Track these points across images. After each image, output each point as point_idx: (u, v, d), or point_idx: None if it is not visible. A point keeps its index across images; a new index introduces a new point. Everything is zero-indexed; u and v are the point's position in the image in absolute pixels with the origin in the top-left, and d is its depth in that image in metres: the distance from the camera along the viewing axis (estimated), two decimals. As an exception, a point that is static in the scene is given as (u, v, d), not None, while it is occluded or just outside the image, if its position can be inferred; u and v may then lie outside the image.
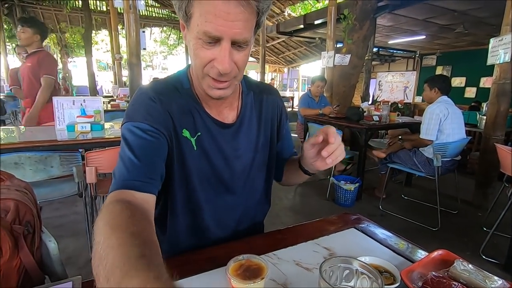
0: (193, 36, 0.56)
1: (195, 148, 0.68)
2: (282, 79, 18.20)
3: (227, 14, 0.52)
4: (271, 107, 0.80)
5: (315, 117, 3.46)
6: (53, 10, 10.60)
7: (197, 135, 0.68)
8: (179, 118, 0.66)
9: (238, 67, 0.59)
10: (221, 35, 0.53)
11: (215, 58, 0.56)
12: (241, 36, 0.55)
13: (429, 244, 1.93)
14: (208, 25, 0.53)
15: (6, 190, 0.67)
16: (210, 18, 0.52)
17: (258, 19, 0.58)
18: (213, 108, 0.71)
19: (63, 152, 1.72)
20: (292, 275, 0.58)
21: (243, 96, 0.76)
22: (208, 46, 0.56)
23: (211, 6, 0.51)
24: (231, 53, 0.56)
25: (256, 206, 0.83)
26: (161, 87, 0.67)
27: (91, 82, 8.66)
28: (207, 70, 0.59)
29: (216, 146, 0.71)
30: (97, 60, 16.83)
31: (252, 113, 0.76)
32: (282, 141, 0.86)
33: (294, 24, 7.08)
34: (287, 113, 0.86)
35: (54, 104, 2.13)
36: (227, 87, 0.62)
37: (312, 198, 3.16)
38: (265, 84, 0.85)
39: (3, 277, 0.58)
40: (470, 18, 5.18)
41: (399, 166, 2.70)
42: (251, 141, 0.76)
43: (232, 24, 0.53)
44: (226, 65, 0.56)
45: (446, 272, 0.57)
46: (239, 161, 0.74)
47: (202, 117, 0.69)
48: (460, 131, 2.50)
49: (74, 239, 2.09)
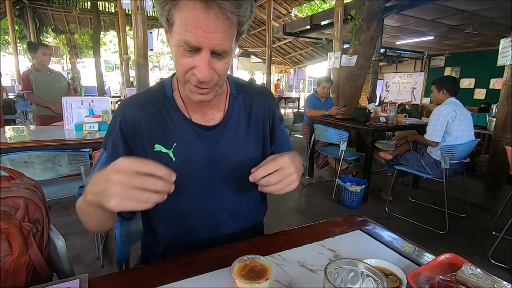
0: (174, 43, 0.58)
1: (174, 159, 0.69)
2: (288, 80, 18.16)
3: (207, 26, 0.53)
4: (262, 109, 0.79)
5: (321, 118, 3.45)
6: (62, 12, 10.77)
7: (174, 146, 0.70)
8: (151, 135, 0.69)
9: (219, 74, 0.61)
10: (201, 45, 0.55)
11: (195, 66, 0.58)
12: (220, 47, 0.56)
13: (436, 248, 1.91)
14: (188, 35, 0.54)
15: (16, 188, 0.68)
16: (190, 29, 0.53)
17: (239, 28, 0.59)
18: (198, 110, 0.72)
19: (72, 151, 1.75)
20: (296, 276, 0.58)
21: (231, 98, 0.76)
22: (188, 54, 0.57)
23: (191, 17, 0.53)
24: (210, 62, 0.57)
25: (250, 208, 0.81)
26: (136, 105, 0.70)
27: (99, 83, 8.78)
28: (188, 77, 0.60)
29: (198, 151, 0.71)
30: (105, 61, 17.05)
31: (240, 115, 0.76)
32: (277, 145, 0.84)
33: (300, 25, 7.06)
34: (281, 116, 0.85)
35: (63, 104, 2.17)
36: (208, 93, 0.63)
37: (318, 199, 3.14)
38: (258, 86, 0.84)
39: (12, 274, 0.59)
40: (479, 18, 5.10)
41: (406, 168, 2.67)
42: (238, 142, 0.75)
43: (212, 36, 0.54)
44: (205, 74, 0.57)
45: (453, 276, 0.56)
46: (225, 163, 0.73)
47: (180, 125, 0.70)
48: (468, 133, 2.47)
49: (82, 237, 2.11)
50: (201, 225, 0.74)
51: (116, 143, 0.69)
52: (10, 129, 2.14)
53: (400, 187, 3.33)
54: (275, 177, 0.59)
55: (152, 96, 0.72)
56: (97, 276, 0.57)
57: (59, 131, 2.08)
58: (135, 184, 0.46)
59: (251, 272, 0.51)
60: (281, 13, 9.09)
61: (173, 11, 0.54)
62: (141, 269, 0.60)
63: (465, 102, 2.75)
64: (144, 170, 0.47)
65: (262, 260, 0.54)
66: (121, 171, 0.46)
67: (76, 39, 12.00)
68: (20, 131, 2.12)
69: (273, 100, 0.84)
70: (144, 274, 0.58)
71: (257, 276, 0.50)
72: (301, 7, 9.55)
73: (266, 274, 0.50)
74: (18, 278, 0.60)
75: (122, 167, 0.47)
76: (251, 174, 0.60)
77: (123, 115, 0.69)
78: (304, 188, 3.44)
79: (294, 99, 11.87)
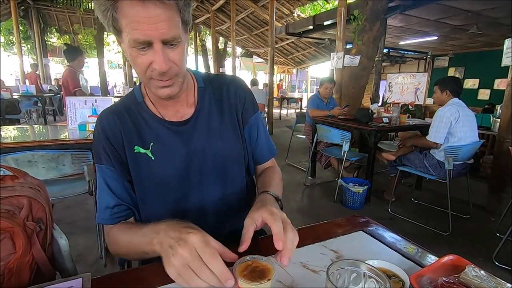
0: (127, 46, 0.59)
1: (153, 158, 0.72)
2: (290, 80, 18.15)
3: (149, 18, 0.55)
4: (234, 96, 0.81)
5: (324, 119, 3.44)
6: (66, 12, 10.86)
7: (151, 145, 0.72)
8: (130, 138, 0.72)
9: (177, 64, 0.62)
10: (150, 38, 0.57)
11: (152, 61, 0.60)
12: (169, 35, 0.57)
13: (439, 249, 1.90)
14: (135, 32, 0.56)
15: (20, 187, 0.69)
16: (135, 26, 0.55)
17: (182, 16, 0.60)
18: (169, 109, 0.74)
19: (75, 151, 1.76)
20: (298, 276, 0.58)
21: (199, 91, 0.78)
22: (143, 52, 0.59)
23: (132, 15, 0.55)
24: (164, 52, 0.59)
25: (238, 196, 0.82)
26: (111, 114, 0.73)
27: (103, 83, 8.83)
28: (149, 74, 0.62)
29: (175, 147, 0.73)
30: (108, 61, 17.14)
31: (211, 106, 0.78)
32: (256, 141, 0.85)
33: (303, 25, 7.04)
34: (254, 104, 0.85)
35: (67, 104, 2.18)
36: (172, 84, 0.65)
37: (320, 200, 3.14)
38: (227, 77, 0.85)
39: (16, 273, 0.60)
40: (484, 18, 5.06)
41: (409, 169, 2.66)
42: (213, 133, 0.76)
43: (156, 26, 0.55)
44: (163, 65, 0.59)
45: (456, 278, 0.56)
46: (204, 154, 0.75)
47: (154, 125, 0.73)
48: (472, 134, 2.45)
49: (85, 236, 2.13)
50: (189, 219, 0.73)
51: (109, 148, 0.72)
52: (15, 128, 2.15)
53: (403, 188, 3.31)
54: (290, 243, 0.56)
55: (125, 104, 0.75)
56: (100, 276, 0.57)
57: (63, 131, 2.10)
58: (193, 267, 0.48)
59: (253, 272, 0.51)
60: (284, 13, 9.08)
61: (116, 16, 0.56)
62: (143, 269, 0.60)
63: (469, 102, 2.73)
64: (207, 259, 0.49)
65: (264, 261, 0.54)
66: (189, 245, 0.49)
67: (80, 39, 12.08)
68: (24, 131, 2.14)
69: (244, 88, 0.84)
70: (146, 273, 0.58)
71: (259, 276, 0.50)
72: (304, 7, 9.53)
73: (268, 274, 0.50)
74: (21, 276, 0.61)
75: (192, 241, 0.50)
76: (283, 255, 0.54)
77: (101, 125, 0.73)
78: (307, 188, 3.44)
79: (297, 99, 11.86)
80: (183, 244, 0.49)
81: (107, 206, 0.72)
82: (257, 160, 0.89)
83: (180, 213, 0.74)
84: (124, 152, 0.72)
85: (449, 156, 2.35)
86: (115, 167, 0.72)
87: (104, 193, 0.72)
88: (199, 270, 0.47)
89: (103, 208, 0.72)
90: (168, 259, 0.49)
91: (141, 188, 0.75)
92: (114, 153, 0.72)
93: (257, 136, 0.86)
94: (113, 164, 0.72)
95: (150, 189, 0.74)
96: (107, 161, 0.72)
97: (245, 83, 0.86)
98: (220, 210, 0.79)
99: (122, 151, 0.72)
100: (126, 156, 0.72)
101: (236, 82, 0.84)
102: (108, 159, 0.72)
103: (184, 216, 0.73)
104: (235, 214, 0.82)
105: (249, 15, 10.17)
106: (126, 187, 0.74)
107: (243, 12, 9.99)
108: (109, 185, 0.72)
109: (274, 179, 0.82)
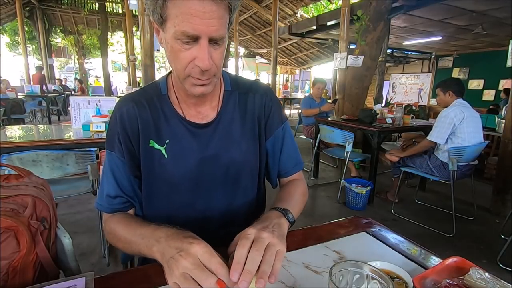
0: (170, 37, 0.58)
1: (166, 156, 0.70)
2: (293, 81, 18.14)
3: (203, 13, 0.53)
4: (259, 105, 0.77)
5: (325, 119, 3.44)
6: (71, 13, 10.94)
7: (166, 143, 0.70)
8: (146, 131, 0.70)
9: (216, 64, 0.61)
10: (199, 33, 0.55)
11: (195, 57, 0.58)
12: (218, 33, 0.56)
13: (443, 251, 1.89)
14: (185, 25, 0.54)
15: (24, 187, 0.69)
16: (186, 18, 0.54)
17: (230, 16, 0.59)
18: (192, 108, 0.72)
19: (79, 151, 1.77)
20: (301, 277, 0.58)
21: (225, 94, 0.75)
22: (187, 46, 0.57)
23: (186, 7, 0.53)
24: (209, 50, 0.58)
25: (245, 208, 0.79)
26: (132, 102, 0.71)
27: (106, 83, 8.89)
28: (188, 71, 0.60)
29: (190, 148, 0.71)
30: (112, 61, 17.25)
31: (234, 112, 0.75)
32: (282, 152, 0.81)
33: (306, 25, 7.05)
34: (282, 115, 0.81)
35: (71, 104, 2.20)
36: (209, 84, 0.64)
37: (323, 200, 3.13)
38: (256, 83, 0.81)
39: (20, 271, 0.60)
40: (489, 18, 5.02)
41: (412, 170, 2.64)
42: (232, 141, 0.73)
43: (208, 22, 0.54)
44: (207, 62, 0.57)
45: (461, 280, 0.56)
46: (218, 161, 0.72)
47: (174, 123, 0.71)
48: (477, 135, 2.43)
49: (88, 235, 2.14)
50: (192, 224, 0.72)
51: (123, 138, 0.70)
52: (20, 128, 2.17)
53: (407, 189, 3.29)
54: (253, 259, 0.48)
55: (147, 94, 0.73)
56: (103, 275, 0.57)
57: (67, 131, 2.11)
58: (196, 277, 0.46)
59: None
60: (287, 13, 9.08)
61: (167, 3, 0.55)
62: (147, 268, 0.60)
63: (474, 103, 2.71)
64: (214, 269, 0.47)
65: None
66: (191, 256, 0.47)
67: (84, 39, 12.17)
68: (29, 130, 2.16)
69: (272, 97, 0.80)
70: (149, 272, 0.59)
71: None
72: (307, 7, 9.52)
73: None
74: (25, 275, 0.61)
75: (194, 251, 0.48)
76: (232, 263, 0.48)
77: (121, 112, 0.70)
78: (309, 189, 3.43)
79: (299, 100, 11.85)
80: (185, 255, 0.48)
81: (108, 194, 0.71)
82: (281, 173, 0.84)
83: (184, 217, 0.73)
84: (138, 144, 0.70)
85: (453, 157, 2.33)
86: (125, 158, 0.70)
87: (108, 181, 0.71)
88: (201, 280, 0.46)
89: (104, 195, 0.71)
90: (171, 270, 0.48)
91: (148, 184, 0.73)
92: (127, 144, 0.70)
93: (281, 148, 0.81)
94: (123, 155, 0.70)
95: (157, 187, 0.73)
96: (118, 150, 0.70)
97: (273, 93, 0.82)
98: (224, 220, 0.76)
99: (136, 143, 0.70)
100: (139, 148, 0.70)
101: (264, 90, 0.80)
102: (120, 149, 0.70)
103: (187, 221, 0.72)
104: (240, 226, 0.73)
105: (252, 16, 10.19)
106: (131, 180, 0.72)
107: (246, 13, 10.01)
108: (115, 174, 0.71)
109: (292, 194, 0.76)
